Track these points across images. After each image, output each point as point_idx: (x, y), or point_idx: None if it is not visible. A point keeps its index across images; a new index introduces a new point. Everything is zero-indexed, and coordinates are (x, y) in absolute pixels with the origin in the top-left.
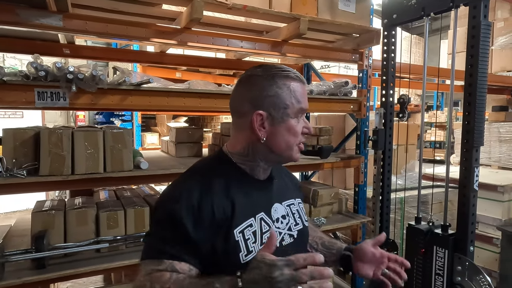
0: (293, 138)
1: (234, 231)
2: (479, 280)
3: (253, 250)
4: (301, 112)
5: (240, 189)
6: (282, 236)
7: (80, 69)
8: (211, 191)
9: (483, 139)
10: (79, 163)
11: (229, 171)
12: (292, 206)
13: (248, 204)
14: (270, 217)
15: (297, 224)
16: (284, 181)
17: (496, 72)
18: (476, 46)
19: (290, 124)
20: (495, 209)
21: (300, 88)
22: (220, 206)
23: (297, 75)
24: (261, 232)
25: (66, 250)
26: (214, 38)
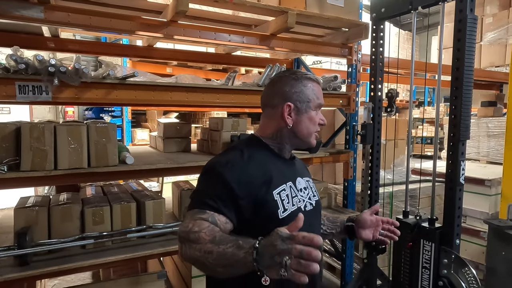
0: (312, 126)
1: (273, 192)
2: (464, 273)
3: (288, 208)
4: (319, 106)
5: (273, 162)
6: (305, 203)
7: (62, 62)
8: (252, 160)
9: (469, 133)
10: (62, 158)
11: (263, 149)
12: (309, 182)
13: (281, 174)
14: (295, 187)
15: (314, 196)
16: (299, 162)
17: (485, 68)
18: (463, 40)
19: (311, 115)
20: (483, 203)
21: (318, 88)
22: (260, 171)
23: (316, 78)
24: (292, 196)
25: (50, 246)
26: (201, 31)
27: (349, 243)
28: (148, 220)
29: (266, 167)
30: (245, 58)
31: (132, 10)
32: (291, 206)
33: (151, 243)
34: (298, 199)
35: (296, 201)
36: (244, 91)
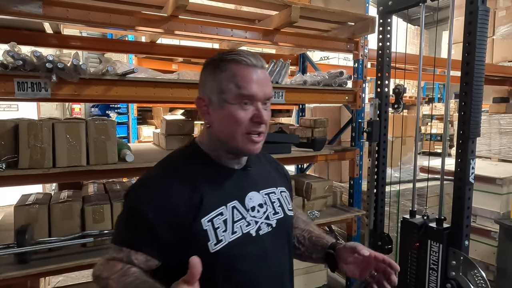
0: (234, 126)
1: (202, 220)
2: (473, 275)
3: (222, 239)
4: (243, 98)
5: (209, 178)
6: (259, 225)
7: (60, 58)
8: (177, 177)
9: (479, 131)
10: (61, 155)
11: (198, 161)
12: (272, 195)
13: (218, 193)
14: (244, 205)
15: (276, 213)
16: (265, 169)
17: (498, 63)
18: (473, 33)
19: (229, 110)
20: (494, 202)
21: (244, 73)
22: (185, 196)
23: (244, 59)
24: (233, 221)
25: (50, 245)
26: (202, 26)
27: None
28: None
29: (195, 186)
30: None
31: (132, 5)
32: (229, 235)
33: None
34: (245, 223)
35: (241, 226)
36: None
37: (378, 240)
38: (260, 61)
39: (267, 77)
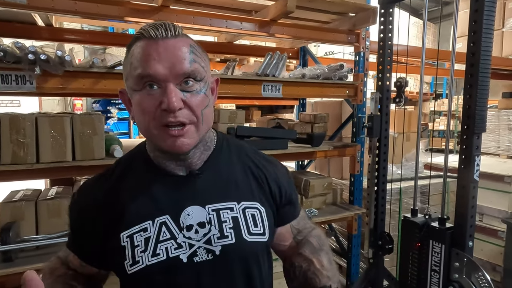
0: (142, 118)
1: (120, 235)
2: (477, 278)
3: (139, 261)
4: (143, 80)
5: (141, 186)
6: (195, 250)
7: (43, 50)
8: (103, 189)
9: (485, 126)
10: (45, 151)
11: (139, 164)
12: (224, 212)
13: (147, 203)
14: (177, 222)
15: (224, 237)
16: (229, 175)
17: (507, 56)
18: (480, 21)
19: (135, 99)
20: (501, 200)
21: (143, 48)
22: (109, 205)
23: (143, 32)
24: (157, 240)
25: (36, 242)
26: (195, 17)
27: (354, 241)
28: None
29: (122, 196)
30: (248, 47)
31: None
32: (148, 257)
33: None
34: (174, 244)
35: (166, 248)
36: (242, 80)
37: (378, 240)
38: (168, 29)
39: (179, 48)
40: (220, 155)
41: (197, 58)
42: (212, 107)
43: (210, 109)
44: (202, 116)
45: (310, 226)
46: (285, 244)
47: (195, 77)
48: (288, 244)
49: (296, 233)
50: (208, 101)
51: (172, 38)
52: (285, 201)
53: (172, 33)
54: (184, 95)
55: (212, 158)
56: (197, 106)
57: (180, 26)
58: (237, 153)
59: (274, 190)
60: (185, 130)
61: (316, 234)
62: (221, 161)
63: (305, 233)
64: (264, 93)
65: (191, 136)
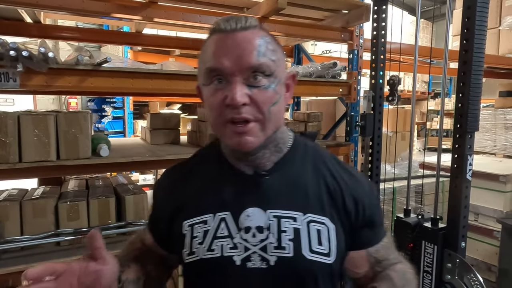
0: (210, 113)
1: (183, 223)
2: (470, 279)
3: (195, 252)
4: (211, 74)
5: (209, 178)
6: (249, 254)
7: (26, 46)
8: (178, 177)
9: (478, 124)
10: (28, 150)
11: (212, 158)
12: (286, 221)
13: (211, 197)
14: (236, 222)
15: (281, 248)
16: (299, 181)
17: (504, 54)
18: (472, 18)
19: (205, 94)
20: (497, 200)
21: (214, 42)
22: (178, 192)
23: (218, 26)
24: (215, 235)
25: (21, 243)
26: (184, 13)
27: None
28: (128, 216)
29: (193, 187)
30: None
31: None
32: (204, 250)
33: None
34: (230, 244)
35: (222, 246)
36: None
37: None
38: (239, 21)
39: (248, 41)
40: (293, 159)
41: (268, 51)
42: (283, 105)
43: (279, 107)
44: (269, 113)
45: (394, 258)
46: (357, 272)
47: (264, 72)
48: (363, 272)
49: (375, 262)
50: (277, 98)
51: (242, 30)
52: (363, 222)
53: (243, 25)
54: (250, 90)
55: (283, 161)
56: (264, 103)
57: (254, 19)
58: (313, 159)
59: (350, 207)
60: (248, 127)
61: (400, 269)
62: (293, 166)
63: (386, 265)
64: None
65: (256, 134)
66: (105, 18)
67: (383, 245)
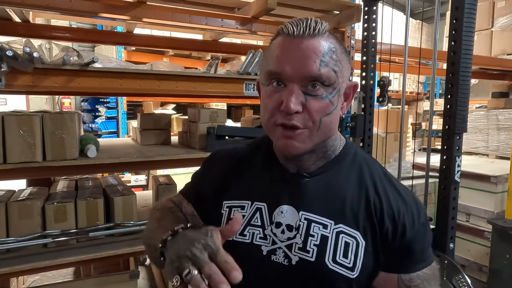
0: (263, 112)
1: (223, 202)
2: (458, 280)
3: None
4: (270, 76)
5: (255, 169)
6: (275, 248)
7: (10, 46)
8: (229, 160)
9: (466, 126)
10: (12, 151)
11: (261, 150)
12: (316, 226)
13: (252, 186)
14: (270, 215)
15: (305, 250)
16: (337, 190)
17: (496, 56)
18: (460, 19)
19: (262, 93)
20: (488, 200)
21: (279, 45)
22: (227, 174)
23: (285, 29)
24: (249, 222)
25: (6, 245)
26: (173, 14)
27: None
28: (117, 217)
29: (236, 169)
30: (232, 45)
31: None
32: (236, 233)
33: (120, 242)
34: (260, 233)
35: (253, 233)
36: (224, 79)
37: None
38: (308, 27)
39: (312, 49)
40: (338, 166)
41: (331, 61)
42: (337, 115)
43: (332, 118)
44: (320, 123)
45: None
46: None
47: (323, 82)
48: None
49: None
50: (332, 109)
51: (309, 37)
52: (400, 245)
53: (311, 31)
54: (306, 98)
55: (328, 166)
56: (317, 112)
57: (325, 24)
58: (359, 169)
59: (387, 226)
60: (297, 133)
61: None
62: (336, 173)
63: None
64: (246, 92)
65: (303, 140)
66: (94, 17)
67: (421, 276)
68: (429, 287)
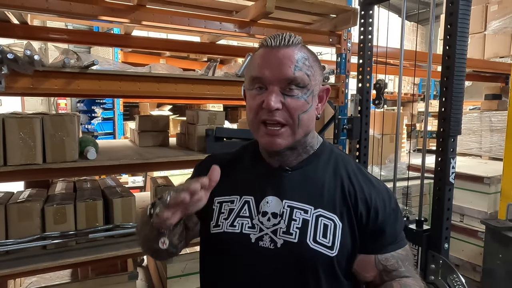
0: (248, 113)
1: (214, 198)
2: (452, 280)
3: (221, 225)
4: (254, 81)
5: (243, 167)
6: (262, 235)
7: (11, 48)
8: (223, 159)
9: (460, 128)
10: (13, 153)
11: (249, 151)
12: (297, 211)
13: (240, 182)
14: (257, 206)
15: (288, 233)
16: (316, 180)
17: (489, 58)
18: (454, 24)
19: (247, 97)
20: (481, 201)
21: (260, 55)
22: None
23: (264, 42)
24: (238, 214)
25: (6, 247)
26: (172, 17)
27: None
28: (116, 219)
29: (226, 168)
30: (230, 47)
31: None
32: (227, 225)
33: (119, 243)
34: (249, 223)
35: (242, 224)
36: (222, 81)
37: None
38: (283, 39)
39: (287, 57)
40: (316, 160)
41: (304, 66)
42: (313, 114)
43: (308, 115)
44: (298, 120)
45: (406, 271)
46: (365, 275)
47: (298, 84)
48: (370, 277)
49: (383, 269)
50: (308, 107)
51: (285, 47)
52: (374, 228)
53: (286, 42)
54: (284, 98)
55: (307, 161)
56: (295, 110)
57: (298, 37)
58: (335, 163)
59: (361, 210)
60: (280, 131)
61: (405, 284)
62: (315, 166)
63: (394, 276)
64: None
65: (285, 137)
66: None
67: (395, 256)
68: (403, 266)
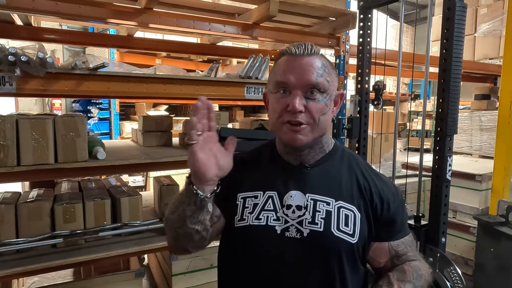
0: (272, 115)
1: (237, 195)
2: (449, 272)
3: (245, 219)
4: (278, 85)
5: (264, 165)
6: (288, 226)
7: (24, 51)
8: (243, 160)
9: (457, 128)
10: (26, 153)
11: (267, 150)
12: (320, 203)
13: (263, 178)
14: (281, 200)
15: (314, 223)
16: (334, 175)
17: (479, 60)
18: (451, 29)
19: (270, 100)
20: (473, 198)
21: (284, 61)
22: (241, 173)
23: (288, 50)
24: (262, 208)
25: (17, 246)
26: (178, 19)
27: None
28: (124, 218)
29: (248, 167)
30: (230, 48)
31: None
32: (252, 218)
33: (127, 241)
34: (274, 216)
35: (267, 217)
36: (226, 82)
37: None
38: (306, 49)
39: (310, 64)
40: (332, 159)
41: (324, 73)
42: (330, 116)
43: (327, 117)
44: (318, 120)
45: (413, 256)
46: (379, 261)
47: (319, 89)
48: (383, 262)
49: (394, 255)
50: (327, 110)
51: (307, 56)
52: (387, 217)
53: (308, 51)
54: (307, 101)
55: (324, 159)
56: (316, 112)
57: (317, 47)
58: (348, 161)
59: (376, 202)
60: (301, 128)
61: (415, 266)
62: (331, 163)
63: (404, 260)
64: (247, 95)
65: (306, 134)
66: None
67: (404, 242)
68: (411, 251)
